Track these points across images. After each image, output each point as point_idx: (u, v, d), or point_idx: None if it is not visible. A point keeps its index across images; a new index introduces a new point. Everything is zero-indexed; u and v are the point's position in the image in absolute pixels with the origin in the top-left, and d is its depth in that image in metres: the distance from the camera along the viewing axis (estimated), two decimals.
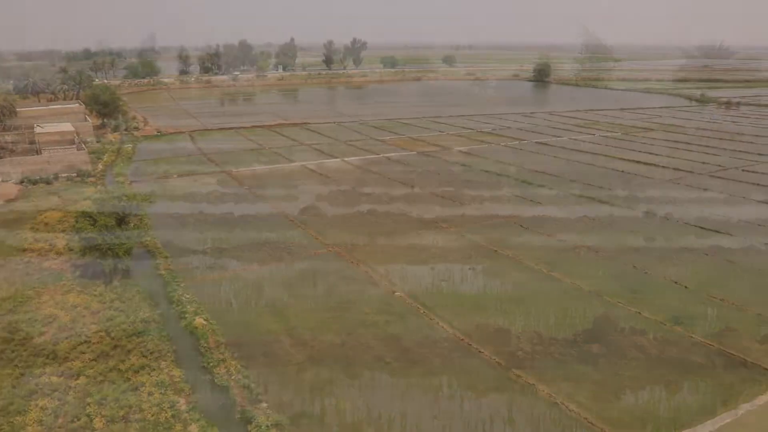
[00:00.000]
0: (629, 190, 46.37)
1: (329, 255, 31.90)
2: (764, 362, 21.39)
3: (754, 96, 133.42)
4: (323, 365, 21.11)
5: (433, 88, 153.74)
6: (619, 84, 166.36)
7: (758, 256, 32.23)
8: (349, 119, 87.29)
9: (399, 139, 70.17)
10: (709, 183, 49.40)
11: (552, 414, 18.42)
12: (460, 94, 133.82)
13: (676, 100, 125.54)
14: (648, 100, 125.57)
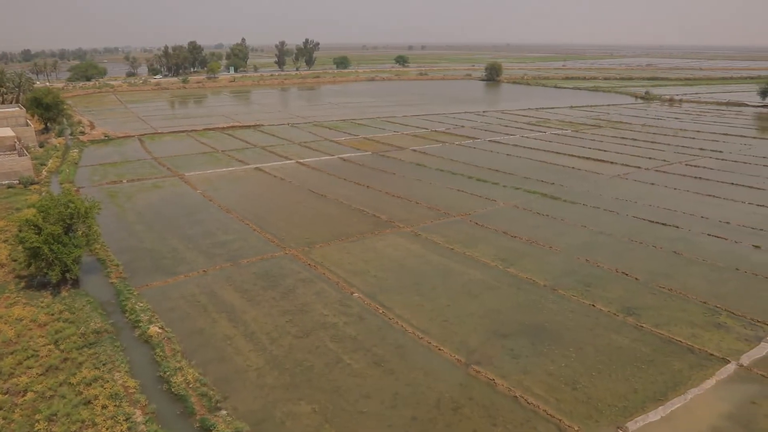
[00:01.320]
0: (580, 186, 47.58)
1: (285, 257, 31.60)
2: (710, 348, 22.24)
3: (694, 93, 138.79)
4: (283, 369, 20.89)
5: (386, 88, 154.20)
6: (567, 83, 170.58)
7: (702, 246, 33.50)
8: (302, 120, 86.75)
9: (354, 139, 70.14)
10: (655, 178, 51.14)
11: (511, 407, 18.70)
12: (414, 94, 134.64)
13: (622, 98, 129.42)
14: (596, 98, 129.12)
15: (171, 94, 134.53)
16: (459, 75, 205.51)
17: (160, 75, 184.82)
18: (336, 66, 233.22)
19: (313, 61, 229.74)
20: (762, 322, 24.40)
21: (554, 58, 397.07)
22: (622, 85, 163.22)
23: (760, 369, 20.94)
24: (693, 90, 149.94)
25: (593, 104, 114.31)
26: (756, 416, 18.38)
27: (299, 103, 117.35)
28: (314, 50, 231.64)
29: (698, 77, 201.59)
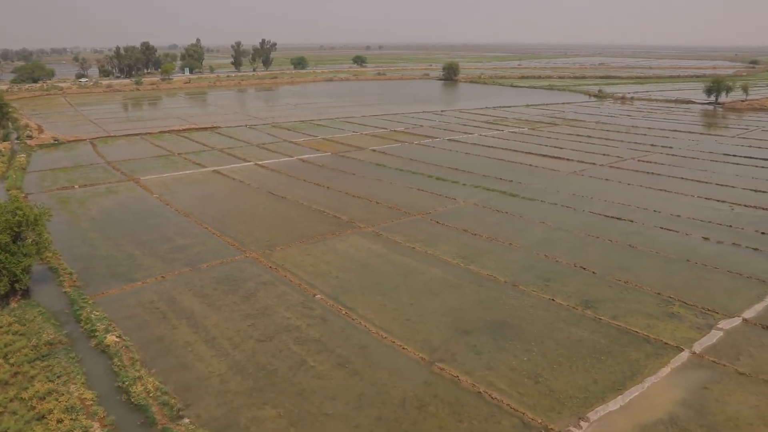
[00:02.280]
0: (538, 183, 48.43)
1: (246, 260, 31.18)
2: (664, 337, 22.92)
3: (645, 92, 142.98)
4: (246, 374, 20.60)
5: (344, 88, 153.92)
6: (523, 82, 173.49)
7: (655, 239, 34.52)
8: (261, 122, 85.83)
9: (313, 140, 69.77)
10: (610, 174, 52.46)
11: (476, 403, 18.88)
12: (372, 94, 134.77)
13: (576, 96, 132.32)
14: (551, 96, 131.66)
15: (124, 96, 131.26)
16: (417, 75, 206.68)
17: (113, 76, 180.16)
18: (294, 66, 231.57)
19: (270, 62, 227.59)
20: (712, 310, 25.27)
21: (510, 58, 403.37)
22: (576, 83, 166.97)
23: (711, 356, 21.69)
24: (644, 88, 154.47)
25: (549, 103, 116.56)
26: (708, 401, 19.03)
27: (257, 104, 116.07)
28: (271, 51, 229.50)
29: (648, 76, 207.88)
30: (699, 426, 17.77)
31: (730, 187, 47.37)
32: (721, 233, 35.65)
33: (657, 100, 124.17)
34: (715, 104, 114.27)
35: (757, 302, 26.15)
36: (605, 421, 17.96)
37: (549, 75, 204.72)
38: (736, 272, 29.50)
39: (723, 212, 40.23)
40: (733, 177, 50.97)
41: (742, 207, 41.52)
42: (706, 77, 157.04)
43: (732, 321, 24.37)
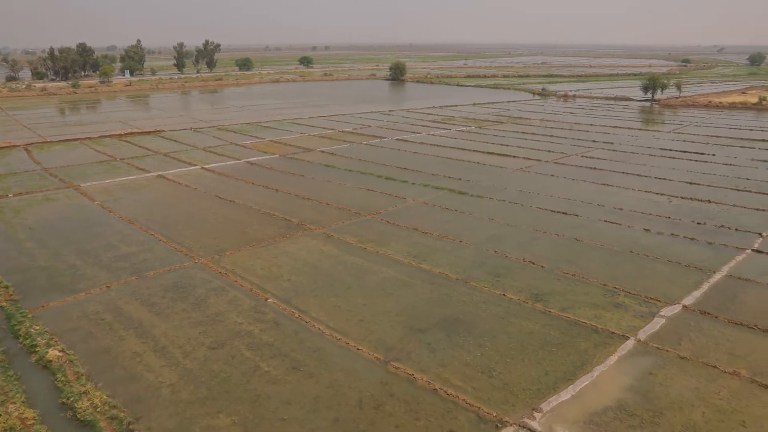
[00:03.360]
0: (486, 181, 49.23)
1: (195, 266, 30.48)
2: (611, 327, 23.66)
3: (586, 89, 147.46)
4: (199, 382, 20.11)
5: (291, 89, 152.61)
6: (469, 81, 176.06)
7: (599, 232, 35.62)
8: (206, 125, 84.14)
9: (260, 143, 68.87)
10: (555, 170, 53.84)
11: (432, 400, 19.01)
12: (320, 95, 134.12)
13: (521, 95, 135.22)
14: (496, 95, 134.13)
15: (60, 99, 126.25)
16: (364, 75, 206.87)
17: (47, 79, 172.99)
18: (239, 68, 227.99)
19: (214, 64, 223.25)
20: (655, 299, 26.25)
21: (456, 57, 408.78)
22: (520, 82, 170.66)
23: (655, 342, 22.53)
24: (584, 86, 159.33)
25: (494, 101, 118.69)
26: (653, 386, 19.75)
27: (202, 106, 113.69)
28: (215, 52, 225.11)
29: (588, 74, 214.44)
30: (645, 410, 18.42)
31: (667, 180, 49.38)
32: (661, 224, 37.09)
33: (597, 97, 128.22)
34: (651, 101, 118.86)
35: (695, 289, 27.32)
36: (558, 411, 18.40)
37: (494, 74, 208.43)
38: (676, 261, 30.75)
39: (662, 204, 41.88)
40: (669, 170, 53.17)
41: (679, 199, 43.34)
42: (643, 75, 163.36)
43: (673, 308, 25.38)
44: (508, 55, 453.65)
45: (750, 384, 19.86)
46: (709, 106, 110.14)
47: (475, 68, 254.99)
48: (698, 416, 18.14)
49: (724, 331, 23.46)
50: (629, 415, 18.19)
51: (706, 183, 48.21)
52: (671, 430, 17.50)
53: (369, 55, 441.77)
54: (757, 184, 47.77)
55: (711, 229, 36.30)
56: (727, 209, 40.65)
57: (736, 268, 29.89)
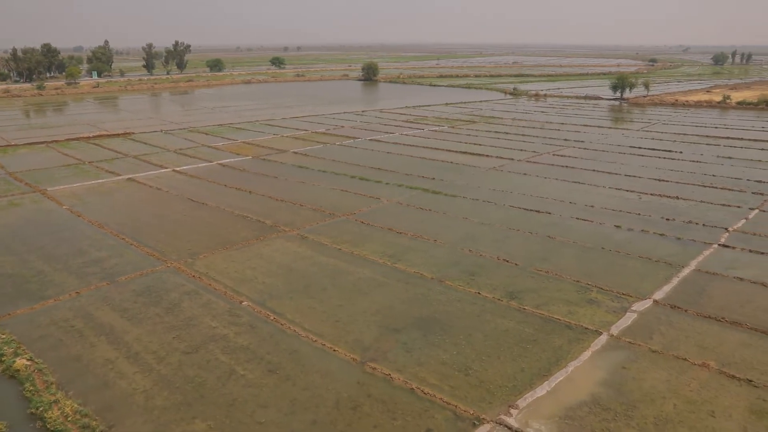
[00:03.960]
0: (459, 180, 49.52)
1: (167, 271, 30.04)
2: (584, 323, 23.99)
3: (556, 88, 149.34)
4: (173, 388, 19.82)
5: (263, 90, 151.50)
6: (442, 81, 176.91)
7: (572, 230, 36.10)
8: (177, 126, 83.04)
9: (232, 144, 68.22)
10: (527, 168, 54.41)
11: (408, 399, 19.03)
12: (292, 96, 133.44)
13: (493, 94, 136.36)
14: (469, 94, 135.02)
15: (24, 102, 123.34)
16: (336, 75, 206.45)
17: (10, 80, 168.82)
18: (210, 69, 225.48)
19: (184, 65, 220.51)
20: (626, 294, 26.70)
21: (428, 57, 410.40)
22: (492, 82, 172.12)
23: (627, 337, 22.91)
24: (555, 85, 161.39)
25: (467, 101, 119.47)
26: (626, 379, 20.08)
27: (172, 108, 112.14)
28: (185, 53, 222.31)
29: (559, 74, 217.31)
30: (619, 404, 18.71)
31: (637, 177, 50.29)
32: (631, 221, 37.75)
33: (568, 96, 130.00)
34: (620, 100, 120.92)
35: (666, 284, 27.87)
36: (534, 407, 18.58)
37: (466, 74, 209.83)
38: (646, 257, 31.32)
39: (632, 201, 42.63)
40: (639, 168, 54.16)
41: (648, 196, 44.16)
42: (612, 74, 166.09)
43: (644, 303, 25.84)
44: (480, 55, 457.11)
45: (718, 375, 20.32)
46: (676, 105, 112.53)
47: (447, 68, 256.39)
48: (670, 408, 18.50)
49: (694, 325, 23.98)
50: (603, 409, 18.46)
51: (674, 180, 49.21)
52: (644, 422, 17.81)
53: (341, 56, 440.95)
54: (723, 181, 48.94)
55: (679, 224, 37.07)
56: (694, 205, 41.56)
57: (703, 263, 30.57)
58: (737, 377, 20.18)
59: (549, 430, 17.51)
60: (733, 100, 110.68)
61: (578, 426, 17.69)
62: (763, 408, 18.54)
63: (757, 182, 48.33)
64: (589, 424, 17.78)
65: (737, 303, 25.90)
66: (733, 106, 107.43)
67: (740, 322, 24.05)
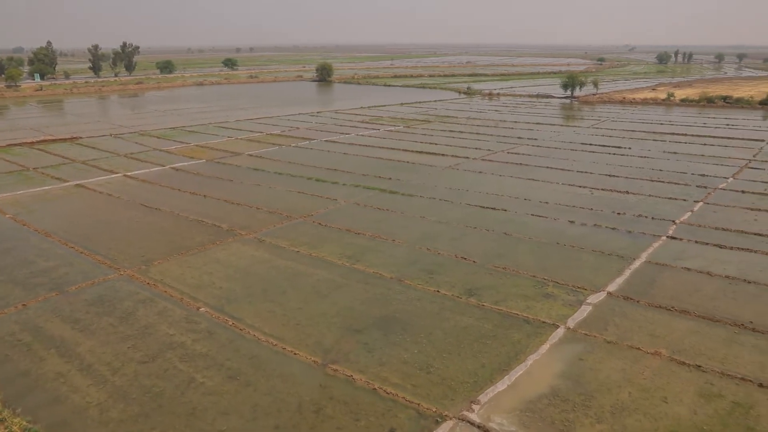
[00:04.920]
0: (416, 179, 49.81)
1: (121, 279, 29.21)
2: (542, 317, 24.46)
3: (509, 87, 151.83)
4: (130, 399, 19.27)
5: (216, 92, 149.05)
6: (396, 81, 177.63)
7: (527, 226, 36.76)
8: (127, 130, 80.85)
9: (185, 148, 66.86)
10: (483, 166, 55.14)
11: (371, 400, 19.02)
12: (246, 97, 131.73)
13: (447, 94, 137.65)
14: (423, 94, 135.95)
15: None
16: (290, 76, 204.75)
17: None
18: (160, 71, 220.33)
19: (133, 67, 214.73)
20: (581, 287, 27.35)
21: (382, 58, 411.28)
22: (446, 81, 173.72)
23: (583, 329, 23.47)
24: (508, 84, 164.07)
25: (422, 100, 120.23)
26: (584, 370, 20.57)
27: (122, 111, 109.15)
28: (134, 54, 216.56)
29: (511, 73, 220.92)
30: (577, 394, 19.15)
31: (588, 173, 51.60)
32: (584, 216, 38.70)
33: (520, 95, 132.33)
34: (571, 98, 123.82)
35: (618, 276, 28.67)
36: (495, 402, 18.83)
37: (420, 74, 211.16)
38: (599, 250, 32.16)
39: (584, 197, 43.72)
40: (590, 164, 55.59)
41: (600, 191, 45.38)
42: (562, 73, 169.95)
43: (598, 295, 26.52)
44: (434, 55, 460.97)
45: (670, 362, 21.03)
46: (624, 102, 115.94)
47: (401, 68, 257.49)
48: (625, 396, 19.03)
49: (645, 315, 24.74)
50: (562, 401, 18.86)
51: (623, 175, 50.71)
52: (601, 411, 18.28)
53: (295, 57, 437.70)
54: (669, 175, 50.70)
55: (630, 218, 38.20)
56: (643, 199, 42.91)
57: (653, 254, 31.59)
58: (687, 363, 20.93)
59: (510, 423, 17.78)
60: (676, 98, 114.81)
61: (538, 418, 18.02)
62: (711, 391, 19.29)
63: (701, 176, 50.28)
64: (549, 415, 18.13)
65: (685, 292, 26.87)
66: (676, 103, 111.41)
67: (689, 311, 24.95)
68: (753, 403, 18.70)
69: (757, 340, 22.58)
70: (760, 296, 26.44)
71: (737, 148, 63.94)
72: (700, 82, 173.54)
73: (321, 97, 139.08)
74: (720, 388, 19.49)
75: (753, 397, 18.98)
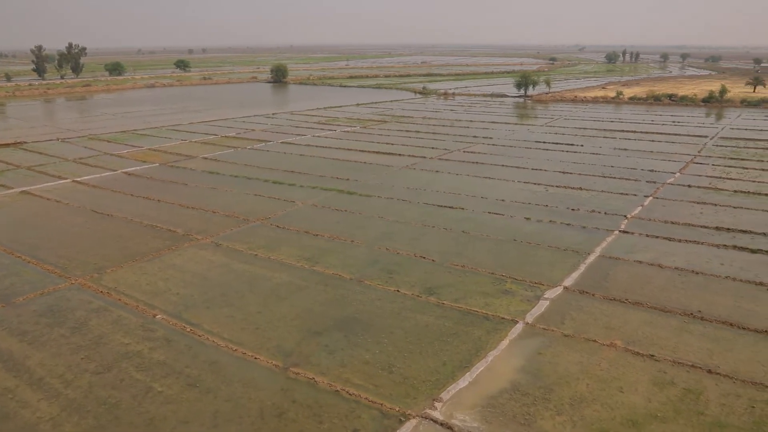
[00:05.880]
0: (373, 180, 49.85)
1: (72, 288, 28.27)
2: (501, 313, 24.81)
3: (464, 87, 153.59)
4: (84, 412, 18.65)
5: (168, 94, 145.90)
6: (352, 81, 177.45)
7: (485, 224, 37.24)
8: (75, 134, 78.32)
9: (138, 152, 65.20)
10: (439, 165, 55.59)
11: (334, 402, 18.93)
12: (199, 99, 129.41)
13: (403, 94, 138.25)
14: (379, 94, 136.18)
15: None
16: (245, 78, 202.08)
17: None
18: (109, 73, 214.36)
19: (80, 68, 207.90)
20: (538, 283, 27.87)
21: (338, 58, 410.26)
22: (402, 81, 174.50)
23: (541, 324, 23.92)
24: (463, 84, 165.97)
25: (378, 101, 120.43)
26: (542, 364, 20.96)
27: (69, 115, 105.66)
28: (81, 55, 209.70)
29: (466, 73, 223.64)
30: (537, 388, 19.49)
31: (543, 170, 52.64)
32: (540, 213, 39.45)
33: (475, 94, 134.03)
34: (524, 97, 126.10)
35: (574, 271, 29.33)
36: (457, 399, 18.99)
37: (376, 74, 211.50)
38: (555, 246, 32.83)
39: (539, 194, 44.56)
40: (544, 161, 56.73)
41: (554, 188, 46.34)
42: (516, 73, 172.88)
43: (555, 290, 27.07)
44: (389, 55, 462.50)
45: (625, 353, 21.63)
46: (576, 101, 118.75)
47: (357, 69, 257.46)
48: (583, 388, 19.47)
49: (601, 307, 25.38)
50: (523, 395, 19.16)
51: (577, 172, 51.92)
52: (561, 404, 18.65)
53: (249, 58, 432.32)
54: (620, 171, 52.20)
55: (584, 214, 39.13)
56: (596, 195, 44.03)
57: (607, 249, 32.44)
58: (641, 353, 21.56)
59: (473, 419, 17.97)
60: (625, 96, 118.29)
61: (500, 413, 18.26)
62: (664, 379, 19.93)
63: (650, 171, 51.93)
64: (510, 410, 18.40)
65: (638, 284, 27.68)
66: (625, 101, 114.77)
67: (641, 302, 25.72)
68: (702, 389, 19.40)
69: (706, 329, 23.46)
70: (708, 286, 27.48)
71: (683, 144, 66.32)
72: (647, 80, 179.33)
73: (276, 98, 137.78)
74: (672, 376, 20.16)
75: (702, 383, 19.71)
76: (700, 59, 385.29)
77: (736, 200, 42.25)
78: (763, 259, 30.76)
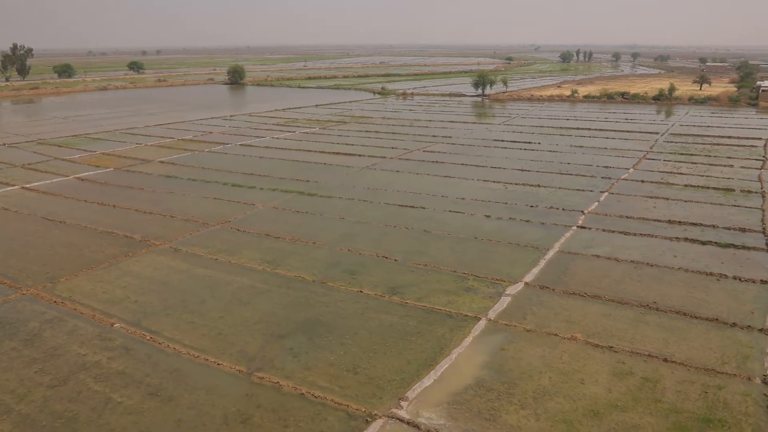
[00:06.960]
0: (334, 181, 49.67)
1: (23, 298, 27.28)
2: (464, 310, 25.04)
3: (423, 87, 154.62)
4: (39, 428, 18.01)
5: (122, 97, 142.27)
6: (310, 82, 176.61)
7: (446, 222, 37.53)
8: (23, 139, 75.56)
9: (91, 156, 63.36)
10: (399, 165, 55.77)
11: (300, 405, 18.78)
12: (154, 102, 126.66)
13: (362, 94, 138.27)
14: (338, 95, 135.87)
15: None
16: (201, 80, 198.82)
17: None
18: (58, 75, 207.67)
19: (27, 70, 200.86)
20: (500, 279, 28.23)
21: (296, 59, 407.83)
22: (361, 82, 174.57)
23: (504, 320, 24.24)
24: (421, 84, 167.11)
25: (336, 101, 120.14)
26: (506, 360, 21.24)
27: (16, 119, 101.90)
28: (27, 57, 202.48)
29: (424, 72, 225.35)
30: (501, 383, 19.74)
31: (502, 168, 53.38)
32: (499, 210, 39.98)
33: (434, 94, 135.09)
34: (482, 96, 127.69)
35: (534, 267, 29.83)
36: (423, 397, 19.08)
37: (335, 75, 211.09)
38: (515, 243, 33.33)
39: (499, 191, 45.16)
40: (503, 160, 57.54)
41: (513, 185, 47.03)
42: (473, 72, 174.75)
43: (516, 286, 27.47)
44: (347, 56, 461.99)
45: (585, 345, 22.11)
46: (532, 99, 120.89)
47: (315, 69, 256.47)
48: (546, 381, 19.82)
49: (561, 302, 25.88)
50: (487, 390, 19.38)
51: (535, 169, 52.82)
52: (524, 397, 18.94)
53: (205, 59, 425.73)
54: (577, 168, 53.35)
55: (542, 210, 39.84)
56: (554, 191, 44.88)
57: (565, 244, 33.10)
58: (600, 345, 22.08)
59: (439, 416, 18.08)
60: (580, 94, 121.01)
61: (465, 409, 18.42)
62: (623, 370, 20.46)
63: (605, 168, 53.25)
64: (476, 405, 18.58)
65: (596, 278, 28.34)
66: (580, 99, 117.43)
67: (600, 295, 26.34)
68: (659, 377, 19.99)
69: (661, 319, 24.18)
70: (662, 278, 28.32)
71: (636, 140, 68.25)
72: (601, 79, 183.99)
73: (234, 100, 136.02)
74: (630, 366, 20.70)
75: (659, 372, 20.31)
76: (650, 58, 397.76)
77: (686, 194, 43.70)
78: (713, 251, 31.91)
